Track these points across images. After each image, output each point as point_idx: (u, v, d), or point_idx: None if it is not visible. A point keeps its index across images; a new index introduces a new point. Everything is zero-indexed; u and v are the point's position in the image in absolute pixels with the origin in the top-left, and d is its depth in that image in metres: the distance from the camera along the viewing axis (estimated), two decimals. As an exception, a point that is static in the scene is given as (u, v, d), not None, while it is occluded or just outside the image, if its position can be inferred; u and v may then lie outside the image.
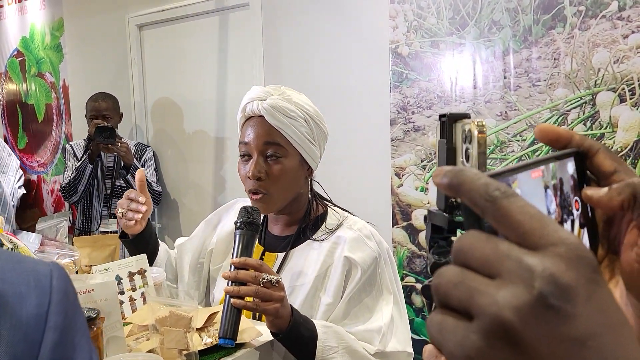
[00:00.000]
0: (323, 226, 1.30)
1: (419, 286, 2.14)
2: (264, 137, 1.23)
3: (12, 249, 1.02)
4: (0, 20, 3.96)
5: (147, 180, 2.68)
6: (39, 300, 0.49)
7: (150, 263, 1.43)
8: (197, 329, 1.15)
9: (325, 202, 1.38)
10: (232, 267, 1.05)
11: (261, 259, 1.32)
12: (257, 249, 1.35)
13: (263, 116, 1.23)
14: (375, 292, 1.24)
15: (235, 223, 1.11)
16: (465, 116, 0.37)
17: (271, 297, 1.02)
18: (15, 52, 3.86)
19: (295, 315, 1.07)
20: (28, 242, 1.34)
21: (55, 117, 3.63)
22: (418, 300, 2.15)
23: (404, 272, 2.17)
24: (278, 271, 1.29)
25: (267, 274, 1.03)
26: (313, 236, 1.29)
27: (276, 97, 1.24)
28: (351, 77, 2.24)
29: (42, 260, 0.55)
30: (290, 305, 1.08)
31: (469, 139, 0.36)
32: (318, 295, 1.24)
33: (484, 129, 0.36)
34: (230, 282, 1.03)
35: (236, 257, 1.07)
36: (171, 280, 1.47)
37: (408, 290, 2.16)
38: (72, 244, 1.52)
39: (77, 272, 1.41)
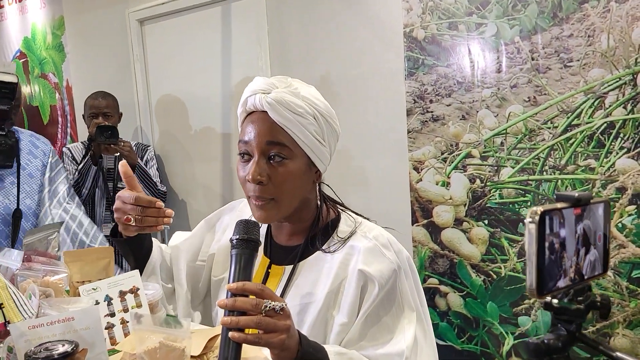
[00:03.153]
0: (335, 234, 1.15)
1: (442, 288, 1.99)
2: (267, 136, 1.08)
3: (-22, 274, 0.88)
4: (1, 21, 3.86)
5: (151, 180, 2.55)
6: None
7: (144, 263, 1.30)
8: (193, 357, 1.02)
9: (337, 205, 1.23)
10: (229, 293, 0.90)
11: (267, 272, 1.18)
12: (263, 261, 1.21)
13: (266, 112, 1.09)
14: (396, 309, 1.09)
15: (231, 240, 0.96)
16: None
17: (275, 327, 0.87)
18: (18, 54, 3.77)
19: (304, 345, 0.93)
20: (9, 261, 1.22)
21: (60, 119, 3.53)
22: (442, 303, 2.00)
23: (426, 273, 2.02)
24: (285, 286, 1.15)
25: (270, 300, 0.88)
26: (323, 246, 1.15)
27: (282, 90, 1.09)
28: (363, 65, 2.09)
29: None
30: (298, 331, 0.94)
31: None
32: (331, 313, 1.09)
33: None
34: (227, 311, 0.89)
35: (233, 281, 0.91)
36: (165, 280, 1.34)
37: (431, 293, 2.01)
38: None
39: (67, 291, 1.29)
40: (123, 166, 1.17)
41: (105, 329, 1.11)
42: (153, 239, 1.34)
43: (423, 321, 1.13)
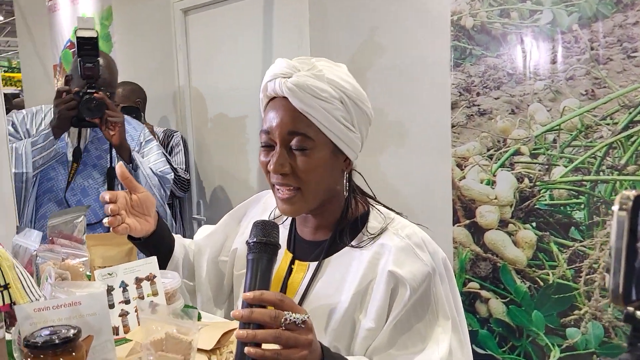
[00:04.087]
0: (364, 229, 1.06)
1: (483, 293, 1.87)
2: (288, 125, 1.00)
3: (-15, 252, 0.85)
4: (54, 12, 3.95)
5: (173, 167, 2.42)
6: None
7: (165, 261, 1.25)
8: (207, 351, 0.95)
9: (368, 199, 1.14)
10: (244, 303, 0.81)
11: (290, 268, 1.11)
12: (286, 256, 1.13)
13: (287, 98, 1.01)
14: (429, 316, 0.99)
15: (247, 243, 0.88)
16: None
17: (296, 342, 0.78)
18: (69, 44, 3.84)
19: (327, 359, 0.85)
20: (28, 241, 1.19)
21: (105, 108, 3.56)
22: (483, 309, 1.87)
23: (467, 276, 1.90)
24: (309, 284, 1.06)
25: (290, 312, 0.80)
26: (352, 242, 1.06)
27: (304, 73, 1.00)
28: (407, 55, 1.99)
29: None
30: (321, 344, 0.85)
31: None
32: (357, 316, 1.00)
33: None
34: (242, 323, 0.80)
35: (249, 289, 0.83)
36: (187, 277, 1.28)
37: (471, 298, 1.89)
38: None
39: (89, 276, 1.25)
40: (119, 167, 1.12)
41: (119, 316, 1.06)
42: (177, 235, 1.28)
43: (459, 331, 1.03)
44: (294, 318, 0.79)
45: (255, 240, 0.87)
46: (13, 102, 5.61)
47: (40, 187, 1.97)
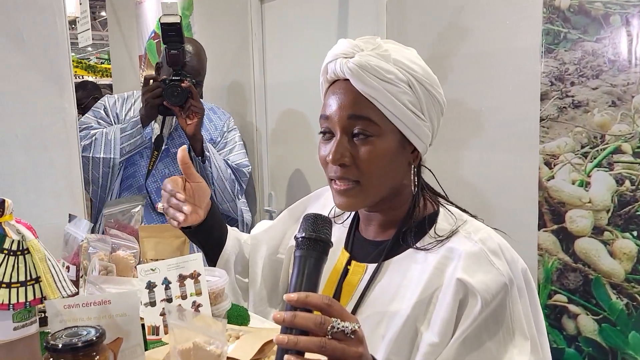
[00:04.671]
0: (432, 231, 0.93)
1: (571, 308, 1.66)
2: (349, 109, 0.90)
3: (19, 241, 0.80)
4: (140, 4, 4.05)
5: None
6: None
7: (216, 256, 1.18)
8: (244, 363, 0.86)
9: (438, 197, 1.01)
10: (288, 305, 0.72)
11: (346, 270, 1.00)
12: (343, 256, 1.02)
13: (349, 80, 0.91)
14: (504, 334, 0.85)
15: (296, 238, 0.79)
16: None
17: (343, 354, 0.68)
18: (153, 34, 3.92)
19: None
20: (78, 230, 1.15)
21: (185, 98, 3.61)
22: (570, 325, 1.67)
23: (552, 288, 1.70)
24: (366, 289, 0.95)
25: (339, 320, 0.69)
26: (417, 244, 0.94)
27: (367, 52, 0.90)
28: (491, 41, 1.80)
29: None
30: (373, 358, 0.74)
31: None
32: (419, 328, 0.88)
33: None
34: (284, 327, 0.71)
35: (294, 290, 0.73)
36: (241, 273, 1.21)
37: (557, 312, 1.69)
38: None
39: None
40: (181, 151, 1.06)
41: (160, 315, 1.00)
42: (231, 228, 1.21)
43: (539, 353, 0.88)
44: (343, 327, 0.69)
45: (304, 235, 0.78)
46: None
47: (124, 172, 1.99)
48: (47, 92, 1.67)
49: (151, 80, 1.91)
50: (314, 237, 0.77)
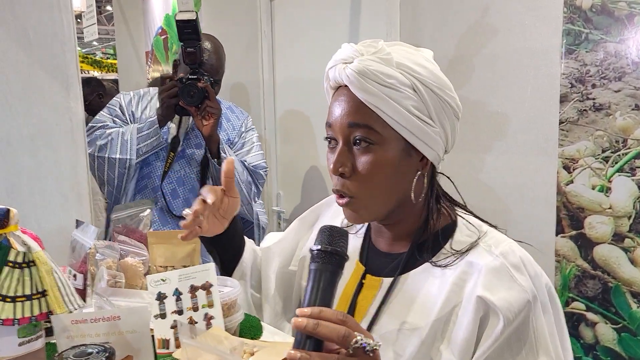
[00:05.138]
0: (447, 245, 0.89)
1: (589, 316, 1.62)
2: (350, 117, 0.86)
3: (24, 253, 0.77)
4: (148, -1, 4.01)
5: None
6: None
7: (233, 267, 1.14)
8: (259, 381, 0.83)
9: (456, 207, 0.96)
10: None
11: (361, 283, 0.96)
12: (357, 269, 0.98)
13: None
14: (527, 353, 0.81)
15: (311, 251, 0.75)
16: None
17: None
18: (160, 30, 3.88)
19: None
20: (85, 237, 1.12)
21: (191, 96, 3.57)
22: (588, 334, 1.63)
23: (570, 295, 1.66)
24: (381, 304, 0.91)
25: (363, 336, 0.66)
26: (433, 258, 0.89)
27: (367, 57, 0.86)
28: (509, 42, 1.75)
29: None
30: None
31: None
32: (437, 347, 0.84)
33: None
34: (297, 340, 0.68)
35: (307, 304, 0.70)
36: (255, 288, 1.17)
37: (575, 320, 1.65)
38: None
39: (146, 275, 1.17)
40: (227, 164, 1.02)
41: (171, 328, 0.96)
42: (249, 240, 1.17)
43: None
44: (365, 343, 0.65)
45: (319, 248, 0.74)
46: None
47: (139, 173, 1.95)
48: (53, 91, 1.63)
49: (168, 79, 1.85)
50: (330, 250, 0.74)
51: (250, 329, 1.07)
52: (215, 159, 1.87)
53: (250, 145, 2.02)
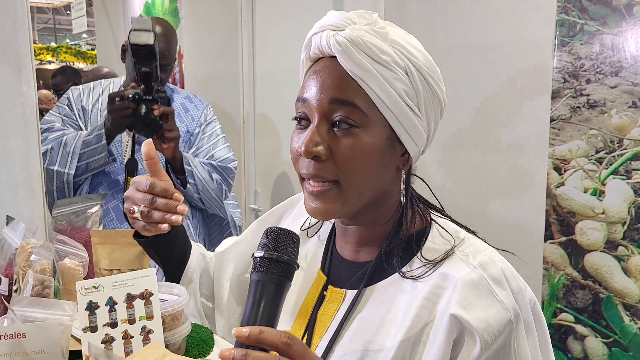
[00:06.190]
0: (419, 253, 0.77)
1: (579, 328, 1.51)
2: (332, 91, 0.74)
3: None
4: (127, -13, 3.86)
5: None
6: None
7: (178, 273, 1.01)
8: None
9: (430, 210, 0.85)
10: (237, 341, 0.58)
11: (322, 295, 0.84)
12: (319, 278, 0.86)
13: (335, 57, 0.75)
14: None
15: (253, 258, 0.64)
16: None
17: None
18: (139, 19, 3.74)
19: None
20: (13, 235, 0.99)
21: (171, 87, 3.44)
22: (577, 348, 1.52)
23: (558, 305, 1.55)
24: (344, 320, 0.79)
25: None
26: (403, 268, 0.78)
27: (361, 27, 0.74)
28: (498, 33, 1.64)
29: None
30: None
31: None
32: None
33: None
34: None
35: (247, 322, 0.60)
36: (207, 296, 1.04)
37: (562, 332, 1.54)
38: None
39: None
40: (146, 145, 0.88)
41: (102, 343, 0.83)
42: (195, 243, 1.04)
43: None
44: None
45: (262, 254, 0.63)
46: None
47: (92, 188, 1.79)
48: (3, 74, 1.49)
49: (117, 98, 1.65)
50: (275, 257, 0.63)
51: (199, 342, 0.94)
52: (179, 180, 1.74)
53: (216, 138, 1.89)
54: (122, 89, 1.72)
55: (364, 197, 0.76)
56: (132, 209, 0.87)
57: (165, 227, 0.86)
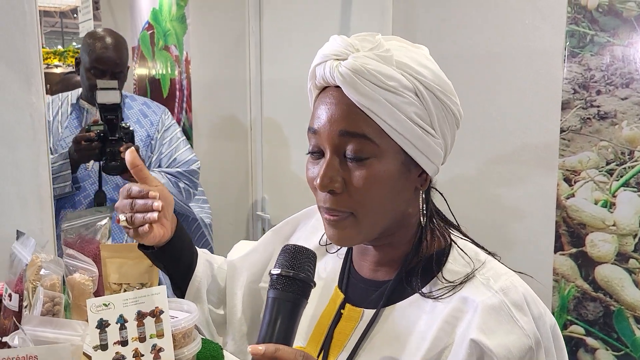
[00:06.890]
0: (440, 274, 0.77)
1: (589, 341, 1.50)
2: (341, 124, 0.73)
3: None
4: (135, -7, 3.88)
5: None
6: None
7: (185, 282, 1.01)
8: None
9: (450, 229, 0.84)
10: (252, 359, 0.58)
11: (339, 314, 0.83)
12: (336, 296, 0.86)
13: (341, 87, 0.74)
14: None
15: (270, 275, 0.64)
16: None
17: None
18: (146, 25, 3.75)
19: None
20: (24, 250, 0.99)
21: (177, 93, 3.44)
22: (587, 360, 1.51)
23: (569, 317, 1.54)
24: (361, 339, 0.79)
25: None
26: (423, 289, 0.77)
27: (364, 54, 0.73)
28: (508, 42, 1.63)
29: None
30: None
31: None
32: None
33: None
34: None
35: (262, 340, 0.60)
36: (215, 304, 1.04)
37: (573, 344, 1.53)
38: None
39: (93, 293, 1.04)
40: (130, 153, 0.87)
41: (113, 361, 0.83)
42: (201, 250, 1.04)
43: None
44: None
45: (279, 272, 0.64)
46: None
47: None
48: (13, 85, 1.50)
49: (83, 141, 1.75)
50: (292, 275, 0.63)
51: (209, 359, 0.94)
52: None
53: (177, 141, 1.98)
54: (87, 126, 1.81)
55: (380, 224, 0.75)
56: (117, 217, 0.87)
57: (146, 228, 0.85)
